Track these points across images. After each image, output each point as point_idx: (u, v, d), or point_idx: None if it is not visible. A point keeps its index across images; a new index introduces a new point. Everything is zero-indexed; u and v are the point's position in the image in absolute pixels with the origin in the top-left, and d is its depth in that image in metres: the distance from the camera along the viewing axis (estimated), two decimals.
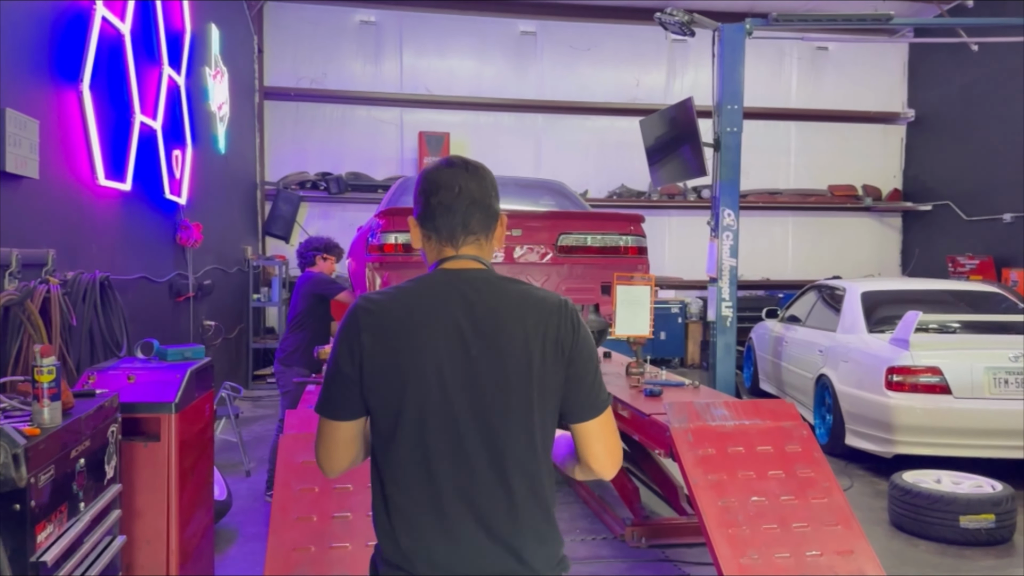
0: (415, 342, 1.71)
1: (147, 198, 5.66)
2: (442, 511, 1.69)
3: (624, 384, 5.45)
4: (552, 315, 1.77)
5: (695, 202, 12.44)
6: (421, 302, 1.75)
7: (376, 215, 5.07)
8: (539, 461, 1.73)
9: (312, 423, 4.00)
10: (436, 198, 1.83)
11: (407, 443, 1.70)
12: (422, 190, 1.86)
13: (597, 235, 5.21)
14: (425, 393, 1.70)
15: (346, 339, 1.74)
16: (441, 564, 1.68)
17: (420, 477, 1.70)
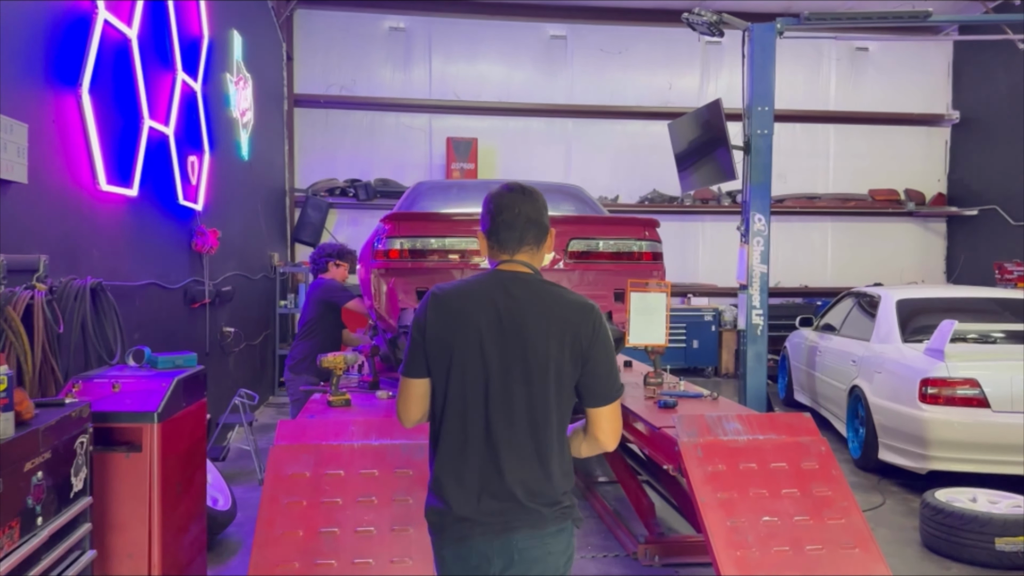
0: (463, 317, 2.22)
1: (157, 204, 5.63)
2: (466, 453, 2.20)
3: (640, 395, 5.25)
4: (576, 314, 2.25)
5: (729, 207, 12.15)
6: (472, 289, 2.28)
7: (382, 220, 4.96)
8: (551, 429, 2.20)
9: (306, 434, 3.89)
10: (501, 217, 2.30)
11: (453, 393, 2.22)
12: (489, 211, 2.33)
13: (610, 240, 5.03)
14: (467, 356, 2.21)
15: (418, 315, 2.27)
16: (458, 495, 2.19)
17: (458, 423, 2.21)
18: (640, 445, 4.73)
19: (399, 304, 4.92)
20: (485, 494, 2.18)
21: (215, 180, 7.07)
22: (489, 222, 2.34)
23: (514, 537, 2.17)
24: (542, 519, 2.18)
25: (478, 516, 2.18)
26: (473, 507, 2.18)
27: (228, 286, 7.53)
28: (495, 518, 2.18)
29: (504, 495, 2.17)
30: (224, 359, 7.43)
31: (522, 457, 2.19)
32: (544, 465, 2.19)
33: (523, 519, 2.17)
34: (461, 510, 2.19)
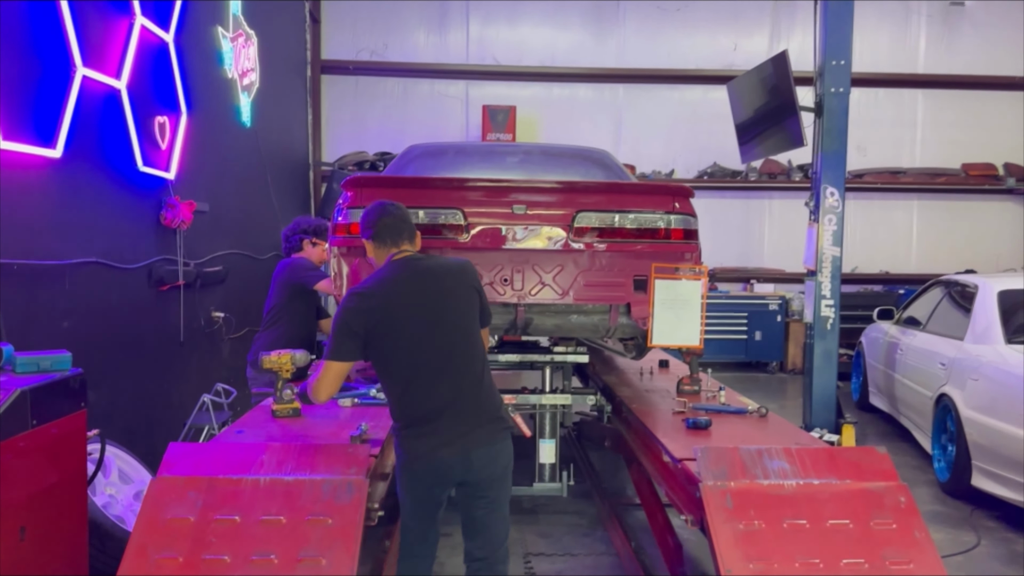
0: (387, 303, 2.93)
1: (102, 169, 4.80)
2: (432, 401, 2.94)
3: (667, 407, 4.19)
4: (464, 267, 3.11)
5: (800, 182, 10.83)
6: (384, 278, 2.99)
7: (342, 184, 4.01)
8: (484, 359, 3.08)
9: (200, 462, 2.98)
10: (382, 221, 3.10)
11: (400, 363, 2.94)
12: (370, 221, 3.12)
13: (628, 213, 3.97)
14: (403, 331, 2.92)
15: (348, 309, 2.93)
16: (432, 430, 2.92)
17: (418, 383, 2.94)
18: (657, 480, 3.69)
19: None
20: (453, 422, 2.92)
21: (197, 146, 6.23)
22: (372, 228, 3.10)
23: (471, 452, 2.92)
24: (493, 433, 2.98)
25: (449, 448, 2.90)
26: (445, 443, 2.90)
27: (218, 266, 6.71)
28: (459, 440, 2.91)
29: (468, 421, 2.93)
30: (212, 348, 6.62)
31: (473, 387, 2.97)
32: (489, 387, 3.03)
33: (480, 439, 2.94)
34: (433, 446, 2.90)
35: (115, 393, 4.97)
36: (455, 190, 3.93)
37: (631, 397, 4.48)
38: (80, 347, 4.56)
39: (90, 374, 4.76)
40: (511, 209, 3.88)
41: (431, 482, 2.92)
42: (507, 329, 4.15)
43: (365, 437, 3.34)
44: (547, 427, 4.75)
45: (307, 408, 3.91)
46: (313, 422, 3.69)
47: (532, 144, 7.51)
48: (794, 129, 6.86)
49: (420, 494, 2.95)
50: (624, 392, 4.66)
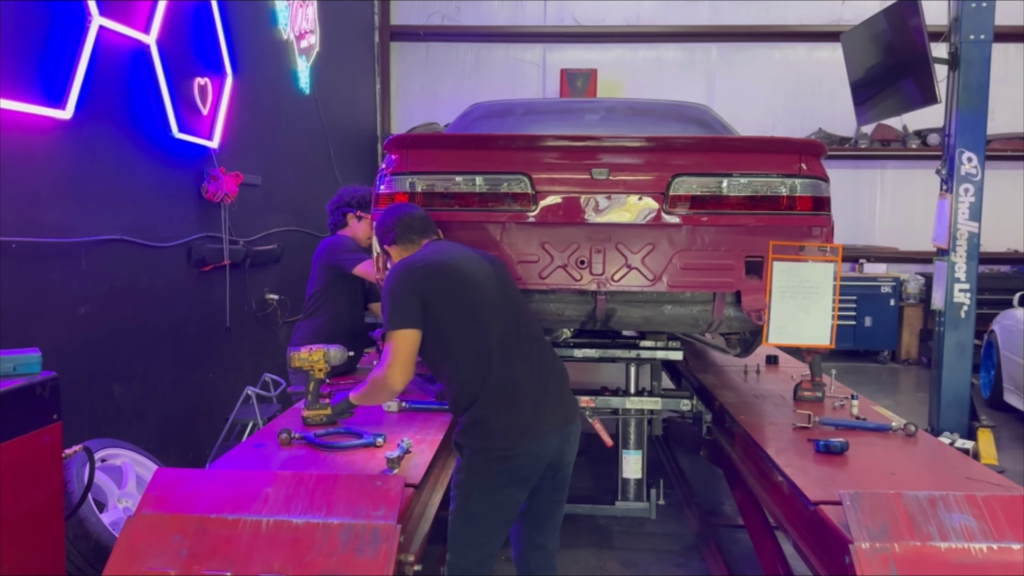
0: (456, 268, 2.68)
1: (124, 134, 4.24)
2: (516, 381, 2.65)
3: (784, 420, 3.38)
4: (493, 258, 2.90)
5: (917, 150, 9.67)
6: (441, 250, 2.76)
7: (385, 145, 3.31)
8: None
9: (191, 494, 2.34)
10: (404, 222, 2.85)
11: (477, 339, 2.65)
12: (391, 225, 2.87)
13: (740, 177, 3.15)
14: (479, 306, 2.67)
15: (414, 276, 2.64)
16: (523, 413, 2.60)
17: (503, 362, 2.65)
18: (775, 519, 2.90)
19: None
20: (545, 395, 2.66)
21: (245, 112, 5.66)
22: (396, 229, 2.86)
23: (569, 427, 2.70)
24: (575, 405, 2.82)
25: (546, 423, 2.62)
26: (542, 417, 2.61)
27: (272, 244, 6.17)
28: (558, 414, 2.66)
29: (556, 393, 2.70)
30: (264, 334, 6.08)
31: (549, 354, 2.79)
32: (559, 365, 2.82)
33: (572, 412, 2.75)
34: (530, 424, 2.59)
35: (148, 388, 4.45)
36: (520, 151, 3.18)
37: (737, 405, 3.68)
38: (101, 337, 4.04)
39: (116, 367, 4.29)
40: (590, 174, 3.11)
41: (527, 473, 2.58)
42: (583, 322, 3.40)
43: (403, 460, 2.67)
44: (632, 436, 3.99)
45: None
46: (349, 431, 3.04)
47: (616, 99, 6.55)
48: (926, 84, 5.85)
49: (506, 495, 2.58)
50: (727, 397, 3.86)
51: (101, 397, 4.03)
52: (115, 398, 4.16)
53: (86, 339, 3.91)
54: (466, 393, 2.59)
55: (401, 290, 2.57)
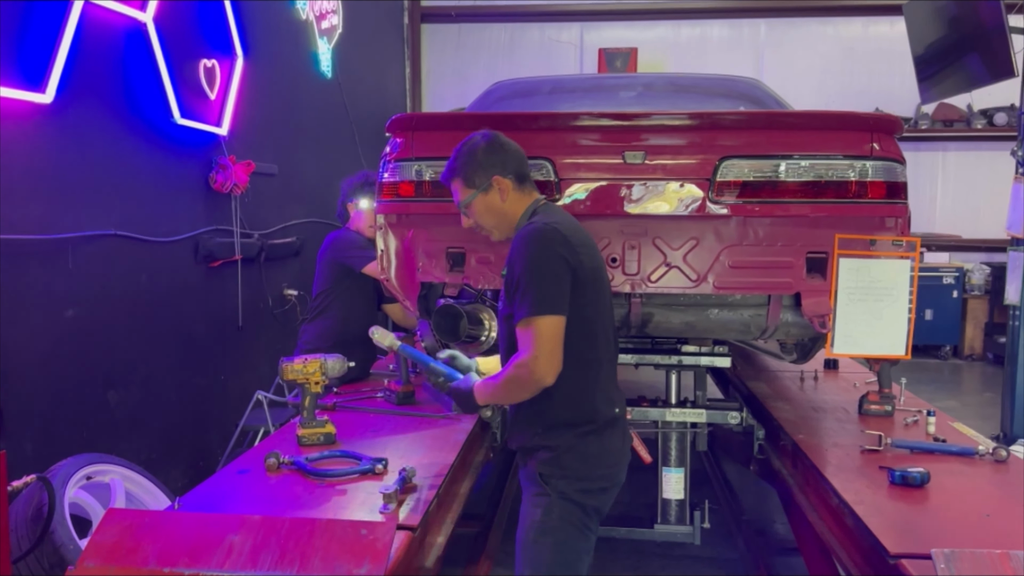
0: (592, 245, 2.26)
1: (116, 120, 3.90)
2: (611, 367, 2.33)
3: (850, 440, 2.93)
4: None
5: (983, 130, 9.00)
6: (570, 221, 2.26)
7: (388, 126, 2.91)
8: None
9: (142, 541, 1.98)
10: (519, 154, 2.30)
11: (602, 320, 2.28)
12: (503, 149, 2.27)
13: (800, 159, 2.68)
14: (605, 284, 2.31)
15: (559, 246, 2.12)
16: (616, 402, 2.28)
17: (607, 346, 2.32)
18: (841, 564, 2.44)
19: (418, 274, 2.89)
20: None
21: (259, 97, 5.32)
22: (510, 161, 2.27)
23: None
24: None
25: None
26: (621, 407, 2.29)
27: (291, 236, 5.83)
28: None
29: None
30: (283, 332, 5.76)
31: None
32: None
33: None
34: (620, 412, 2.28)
35: (149, 394, 4.14)
36: (541, 131, 2.76)
37: (794, 421, 3.22)
38: (93, 341, 3.71)
39: (111, 373, 3.95)
40: (622, 157, 2.68)
41: (608, 502, 2.27)
42: (616, 328, 2.97)
43: (404, 494, 2.29)
44: (673, 452, 3.56)
45: (349, 422, 2.91)
46: (350, 455, 2.66)
47: (655, 74, 5.99)
48: (999, 58, 5.30)
49: (593, 530, 2.22)
50: (782, 411, 3.40)
51: (94, 407, 3.72)
52: (111, 407, 3.85)
53: (75, 344, 3.59)
54: (570, 408, 2.18)
55: (550, 263, 2.07)
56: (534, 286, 2.06)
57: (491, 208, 2.25)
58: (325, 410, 3.26)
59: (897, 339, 2.74)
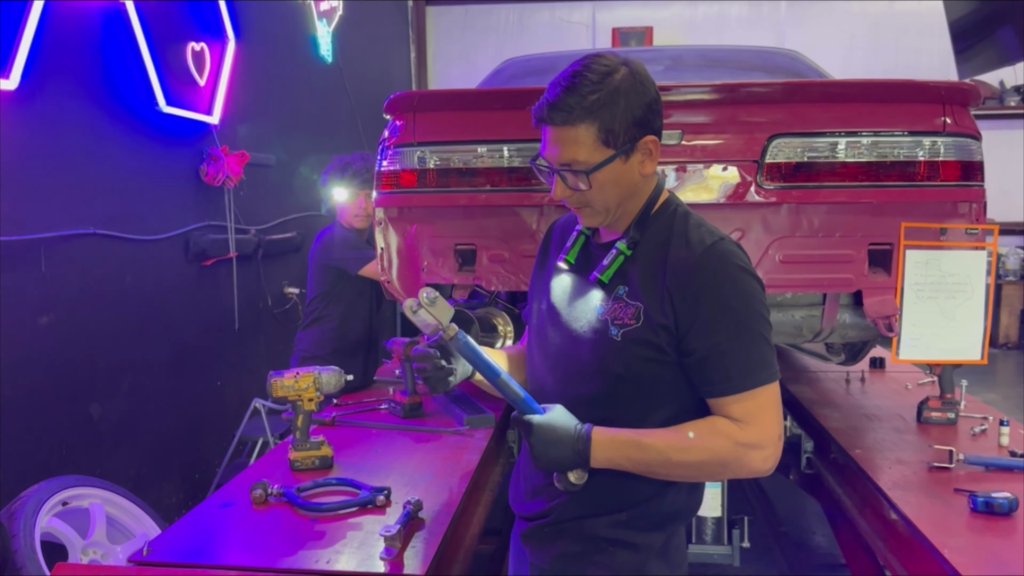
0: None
1: (91, 108, 3.58)
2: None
3: (915, 456, 2.58)
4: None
5: (1017, 107, 8.59)
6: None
7: (386, 106, 2.56)
8: None
9: None
10: (659, 106, 1.55)
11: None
12: (657, 95, 1.53)
13: (861, 136, 2.33)
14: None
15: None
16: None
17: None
18: None
19: (423, 274, 2.55)
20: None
21: (253, 83, 4.99)
22: (659, 113, 1.54)
23: None
24: None
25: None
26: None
27: (291, 232, 5.51)
28: None
29: None
30: (284, 333, 5.44)
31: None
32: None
33: None
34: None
35: (137, 404, 3.83)
36: None
37: (847, 432, 2.87)
38: (71, 350, 3.39)
39: (93, 383, 3.57)
40: None
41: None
42: None
43: (409, 534, 1.95)
44: None
45: (349, 439, 2.59)
46: (347, 483, 2.34)
47: (683, 47, 5.47)
48: None
49: None
50: (831, 419, 3.05)
51: (74, 422, 3.41)
52: (94, 421, 3.54)
53: (50, 355, 3.28)
54: (687, 493, 1.69)
55: (764, 307, 1.53)
56: (766, 339, 1.51)
57: (623, 181, 1.54)
58: (323, 425, 2.95)
59: (972, 342, 2.39)
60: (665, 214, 1.60)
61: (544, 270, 1.80)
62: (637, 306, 1.53)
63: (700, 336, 1.49)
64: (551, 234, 1.84)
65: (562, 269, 1.72)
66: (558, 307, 1.68)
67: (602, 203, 1.56)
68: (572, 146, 1.50)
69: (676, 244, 1.53)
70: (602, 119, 1.47)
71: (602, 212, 1.58)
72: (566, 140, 1.50)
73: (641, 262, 1.55)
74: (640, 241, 1.57)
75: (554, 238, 1.83)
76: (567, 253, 1.69)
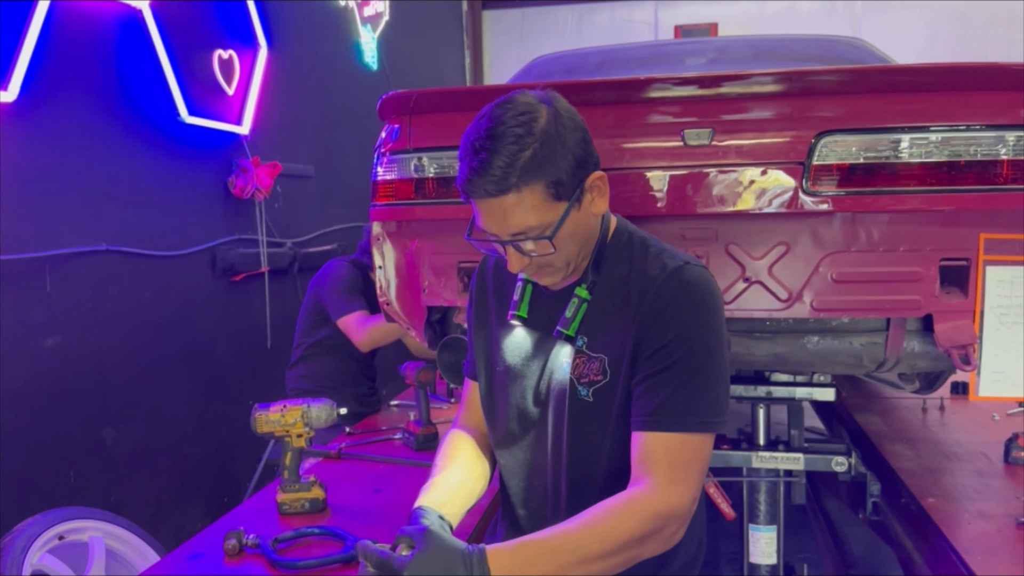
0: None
1: (102, 120, 3.42)
2: None
3: (1001, 508, 2.18)
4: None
5: None
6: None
7: (380, 104, 2.29)
8: None
9: None
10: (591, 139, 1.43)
11: None
12: (584, 128, 1.40)
13: (929, 131, 1.95)
14: None
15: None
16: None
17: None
18: None
19: (423, 296, 2.28)
20: None
21: (288, 92, 4.82)
22: (592, 147, 1.42)
23: None
24: None
25: None
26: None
27: (332, 244, 5.33)
28: None
29: None
30: None
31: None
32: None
33: None
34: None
35: (157, 428, 3.67)
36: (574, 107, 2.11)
37: (919, 475, 2.47)
38: (80, 372, 3.24)
39: (106, 407, 3.28)
40: (682, 138, 2.00)
41: None
42: None
43: None
44: (763, 506, 2.85)
45: (352, 475, 2.33)
46: (333, 533, 2.07)
47: (730, 37, 4.90)
48: None
49: None
50: (902, 458, 2.65)
51: (84, 448, 3.26)
52: (107, 446, 3.39)
53: (57, 378, 3.13)
54: (685, 557, 1.55)
55: (725, 346, 1.40)
56: (713, 382, 1.34)
57: (581, 229, 1.39)
58: (328, 459, 2.71)
59: None
60: (619, 245, 1.47)
61: (489, 324, 1.59)
62: (601, 358, 1.39)
63: (655, 361, 1.33)
64: (485, 279, 1.63)
65: (514, 325, 1.53)
66: (518, 369, 1.51)
67: (564, 259, 1.41)
68: (520, 214, 1.31)
69: (637, 275, 1.40)
70: (546, 174, 1.30)
71: (563, 268, 1.43)
72: (510, 209, 1.31)
73: (600, 304, 1.42)
74: (597, 281, 1.44)
75: (489, 284, 1.61)
76: (517, 309, 1.50)
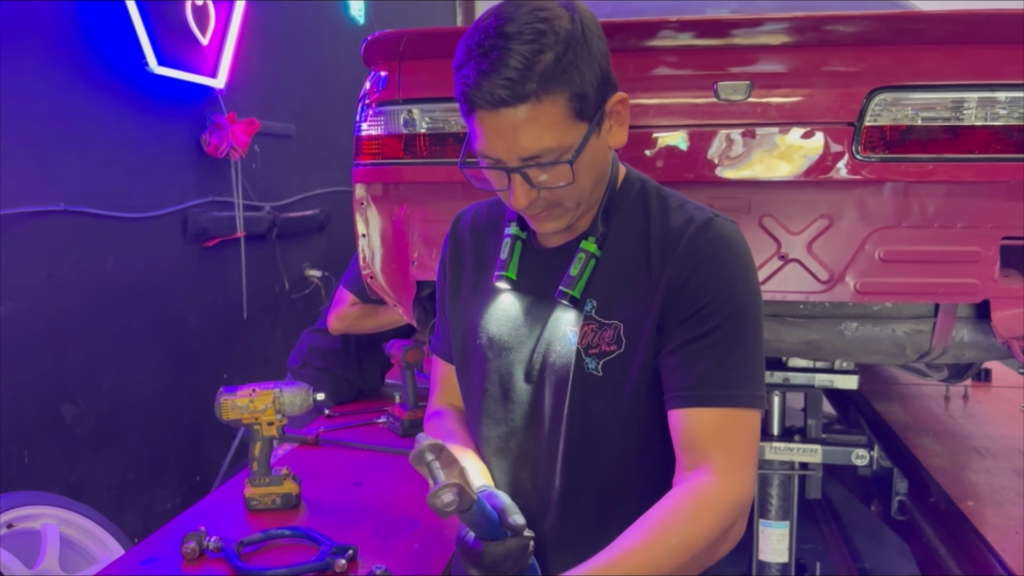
0: None
1: (65, 68, 3.12)
2: None
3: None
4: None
5: None
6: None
7: (364, 52, 2.01)
8: None
9: None
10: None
11: None
12: (605, 44, 1.08)
13: (996, 89, 1.70)
14: None
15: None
16: None
17: None
18: None
19: (412, 269, 2.02)
20: None
21: (268, 44, 4.50)
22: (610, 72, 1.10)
23: None
24: None
25: None
26: None
27: (314, 209, 5.04)
28: None
29: None
30: (304, 321, 4.98)
31: None
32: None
33: None
34: None
35: (123, 404, 3.40)
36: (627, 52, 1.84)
37: (953, 474, 2.26)
38: (35, 343, 2.97)
39: (65, 382, 2.99)
40: (714, 92, 1.74)
41: None
42: None
43: None
44: (774, 500, 2.63)
45: (331, 463, 2.09)
46: (306, 535, 1.84)
47: None
48: None
49: None
50: (931, 453, 2.44)
51: (39, 425, 3.00)
52: (66, 423, 3.13)
53: (9, 350, 2.85)
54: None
55: (761, 309, 1.18)
56: (753, 352, 1.13)
57: (597, 162, 1.13)
58: (305, 445, 2.47)
59: None
60: (631, 194, 1.20)
61: (465, 290, 1.31)
62: (615, 325, 1.13)
63: (691, 325, 1.10)
64: (459, 238, 1.34)
65: (500, 290, 1.25)
66: (504, 340, 1.23)
67: (575, 198, 1.13)
68: (536, 131, 1.03)
69: (658, 229, 1.14)
70: (570, 84, 1.02)
71: (572, 209, 1.15)
72: (525, 125, 1.02)
73: (612, 262, 1.16)
74: (608, 235, 1.18)
75: (466, 244, 1.33)
76: (505, 269, 1.22)
